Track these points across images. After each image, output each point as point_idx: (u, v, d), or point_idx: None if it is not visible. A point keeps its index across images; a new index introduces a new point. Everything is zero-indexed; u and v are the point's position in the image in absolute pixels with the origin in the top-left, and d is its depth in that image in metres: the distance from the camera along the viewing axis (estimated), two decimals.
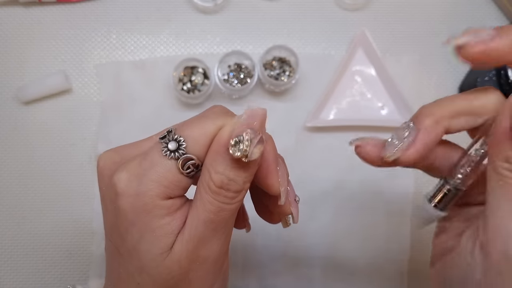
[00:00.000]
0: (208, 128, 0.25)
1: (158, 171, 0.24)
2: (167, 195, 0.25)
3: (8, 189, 0.50)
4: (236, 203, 0.25)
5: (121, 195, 0.25)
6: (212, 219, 0.24)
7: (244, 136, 0.23)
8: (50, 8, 0.52)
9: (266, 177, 0.26)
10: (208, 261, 0.25)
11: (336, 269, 0.49)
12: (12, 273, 0.49)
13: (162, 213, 0.25)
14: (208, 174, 0.24)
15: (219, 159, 0.24)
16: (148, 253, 0.25)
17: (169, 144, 0.24)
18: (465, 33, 0.25)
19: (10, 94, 0.51)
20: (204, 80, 0.49)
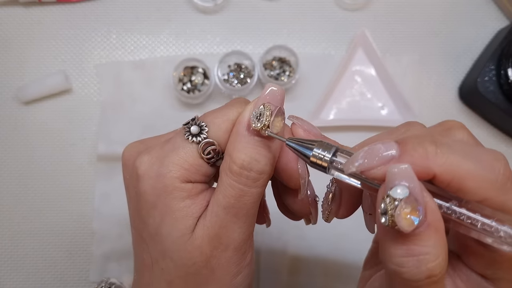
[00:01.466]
0: (230, 115, 0.25)
1: (179, 154, 0.25)
2: (188, 178, 0.25)
3: (8, 189, 0.50)
4: (258, 188, 0.24)
5: (142, 177, 0.25)
6: (233, 204, 0.24)
7: (265, 107, 0.23)
8: (50, 8, 0.52)
9: (286, 167, 0.25)
10: (229, 248, 0.25)
11: (336, 269, 0.49)
12: (12, 273, 0.49)
13: (182, 195, 0.24)
14: (229, 156, 0.24)
15: (240, 139, 0.24)
16: (169, 236, 0.25)
17: (191, 128, 0.25)
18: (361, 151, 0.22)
19: (10, 94, 0.51)
20: (204, 80, 0.49)
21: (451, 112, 0.52)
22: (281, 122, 0.23)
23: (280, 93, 0.24)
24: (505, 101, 0.47)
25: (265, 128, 0.23)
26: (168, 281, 0.25)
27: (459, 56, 0.53)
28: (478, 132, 0.52)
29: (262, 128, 0.23)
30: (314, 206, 0.28)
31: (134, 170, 0.25)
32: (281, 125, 0.23)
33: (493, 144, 0.52)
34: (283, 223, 0.49)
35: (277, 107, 0.23)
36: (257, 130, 0.23)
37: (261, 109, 0.23)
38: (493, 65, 0.47)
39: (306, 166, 0.26)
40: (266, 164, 0.24)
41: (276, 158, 0.25)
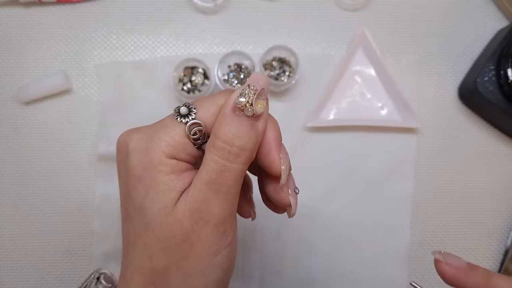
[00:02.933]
0: (218, 100, 0.27)
1: (167, 131, 0.26)
2: (173, 154, 0.26)
3: (8, 189, 0.50)
4: (239, 164, 0.26)
5: (131, 152, 0.27)
6: (214, 179, 0.25)
7: (248, 89, 0.25)
8: (50, 8, 0.52)
9: (268, 153, 0.27)
10: (209, 224, 0.26)
11: (336, 269, 0.49)
12: (12, 273, 0.49)
13: (167, 169, 0.26)
14: (214, 134, 0.26)
15: (225, 118, 0.26)
16: (151, 209, 0.26)
17: (181, 109, 0.26)
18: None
19: (10, 94, 0.51)
20: (204, 80, 0.50)
21: (450, 112, 0.52)
22: (264, 102, 0.26)
23: (265, 78, 0.26)
24: (505, 101, 0.47)
25: (249, 105, 0.25)
26: (150, 255, 0.26)
27: (459, 56, 0.53)
28: (478, 132, 0.52)
29: (245, 106, 0.25)
30: (294, 197, 0.29)
31: (125, 147, 0.27)
32: (264, 106, 0.26)
33: (493, 144, 0.52)
34: (283, 223, 0.49)
35: (261, 88, 0.25)
36: (241, 108, 0.25)
37: (245, 89, 0.25)
38: (492, 65, 0.48)
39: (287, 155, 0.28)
40: (248, 141, 0.25)
41: (259, 138, 0.27)
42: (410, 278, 0.50)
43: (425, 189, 0.51)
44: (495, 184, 0.51)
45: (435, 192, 0.51)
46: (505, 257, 0.50)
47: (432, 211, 0.51)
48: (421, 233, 0.51)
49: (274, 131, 0.28)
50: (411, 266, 0.50)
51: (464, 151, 0.52)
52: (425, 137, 0.52)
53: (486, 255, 0.50)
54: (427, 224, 0.51)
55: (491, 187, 0.51)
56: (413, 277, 0.50)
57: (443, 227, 0.51)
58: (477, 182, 0.51)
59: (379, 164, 0.51)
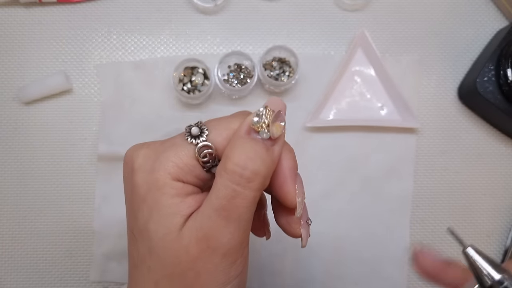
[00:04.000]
0: (232, 123, 0.25)
1: (175, 151, 0.25)
2: (179, 177, 0.25)
3: (8, 189, 0.50)
4: (251, 191, 0.24)
5: (137, 170, 0.25)
6: (224, 206, 0.23)
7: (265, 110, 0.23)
8: (50, 8, 0.52)
9: (284, 184, 0.25)
10: (217, 253, 0.24)
11: (336, 268, 0.49)
12: (12, 273, 0.49)
13: (172, 192, 0.24)
14: (225, 156, 0.24)
15: (238, 140, 0.24)
16: (156, 232, 0.24)
17: (192, 129, 0.25)
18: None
19: (10, 94, 0.51)
20: (204, 80, 0.50)
21: (450, 112, 0.52)
22: (281, 126, 0.24)
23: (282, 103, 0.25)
24: (504, 101, 0.47)
25: (265, 126, 0.23)
26: (155, 281, 0.25)
27: (459, 56, 0.53)
28: (477, 132, 0.52)
29: (261, 127, 0.23)
30: (305, 228, 0.28)
31: (131, 163, 0.26)
32: (281, 130, 0.24)
33: (492, 144, 0.52)
34: None
35: (278, 110, 0.24)
36: (257, 130, 0.23)
37: (262, 110, 0.24)
38: (492, 65, 0.48)
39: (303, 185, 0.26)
40: (262, 165, 0.24)
41: (274, 164, 0.25)
42: (410, 278, 0.50)
43: (424, 189, 0.51)
44: (495, 184, 0.51)
45: (435, 192, 0.51)
46: (505, 256, 0.50)
47: (432, 211, 0.51)
48: (421, 233, 0.51)
49: (290, 160, 0.26)
50: (411, 266, 0.50)
51: (464, 151, 0.52)
52: (425, 137, 0.52)
53: None
54: (427, 224, 0.51)
55: (491, 187, 0.51)
56: (413, 277, 0.50)
57: (443, 227, 0.51)
58: (477, 182, 0.51)
59: (379, 164, 0.51)
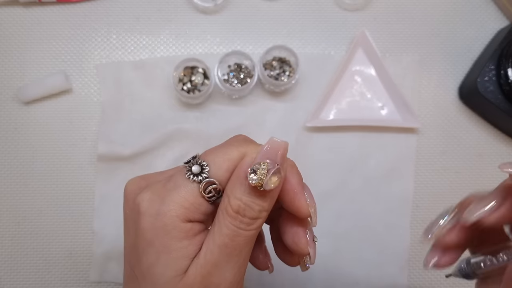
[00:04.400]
0: (231, 155, 0.26)
1: (180, 193, 0.25)
2: (187, 217, 0.25)
3: (8, 189, 0.50)
4: (251, 231, 0.25)
5: (143, 214, 0.25)
6: (227, 244, 0.25)
7: (261, 166, 0.24)
8: (50, 8, 0.52)
9: (294, 199, 0.27)
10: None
11: (336, 268, 0.49)
12: (12, 273, 0.49)
13: (181, 235, 0.25)
14: (227, 198, 0.25)
15: (238, 185, 0.25)
16: (162, 276, 0.25)
17: (192, 168, 0.25)
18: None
19: (10, 94, 0.51)
20: (204, 80, 0.50)
21: (450, 112, 0.52)
22: (278, 180, 0.24)
23: (283, 147, 0.25)
24: (505, 101, 0.47)
25: (260, 186, 0.24)
26: None
27: (459, 56, 0.53)
28: (478, 132, 0.52)
29: (257, 185, 0.24)
30: (312, 247, 0.29)
31: (136, 206, 0.26)
32: (277, 183, 0.24)
33: (493, 144, 0.52)
34: None
35: (275, 166, 0.24)
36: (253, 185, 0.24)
37: (258, 166, 0.24)
38: (493, 65, 0.47)
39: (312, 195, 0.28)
40: (260, 211, 0.25)
41: (272, 203, 0.26)
42: (410, 278, 0.50)
43: (425, 189, 0.51)
44: (495, 184, 0.51)
45: (435, 192, 0.51)
46: None
47: (432, 211, 0.51)
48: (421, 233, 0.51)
49: (295, 175, 0.27)
50: (411, 266, 0.50)
51: (464, 151, 0.52)
52: (425, 137, 0.52)
53: None
54: (427, 224, 0.51)
55: (491, 187, 0.51)
56: (413, 277, 0.50)
57: None
58: (477, 182, 0.51)
59: (379, 164, 0.51)
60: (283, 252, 0.30)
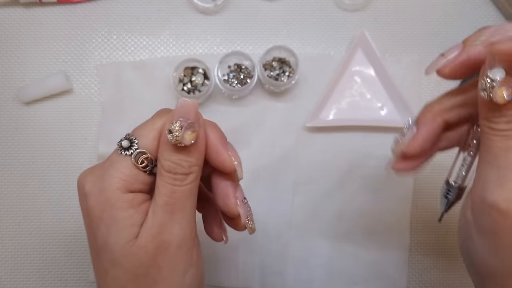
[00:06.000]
0: (155, 124, 0.28)
1: (116, 167, 0.27)
2: (128, 188, 0.27)
3: (8, 189, 0.50)
4: (186, 185, 0.27)
5: (88, 194, 0.27)
6: (167, 201, 0.27)
7: (175, 124, 0.26)
8: (50, 8, 0.52)
9: (217, 154, 0.28)
10: (171, 245, 0.27)
11: (336, 269, 0.49)
12: (12, 273, 0.49)
13: (125, 205, 0.27)
14: (159, 162, 0.27)
15: (164, 147, 0.27)
16: (116, 245, 0.27)
17: (122, 143, 0.28)
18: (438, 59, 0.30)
19: (11, 94, 0.51)
20: (204, 80, 0.50)
21: None
22: (193, 134, 0.26)
23: (192, 105, 0.27)
24: None
25: (178, 140, 0.26)
26: (120, 287, 0.27)
27: None
28: None
29: (175, 141, 0.26)
30: (242, 207, 0.30)
31: (82, 190, 0.28)
32: (192, 137, 0.26)
33: None
34: (283, 223, 0.49)
35: (187, 121, 0.26)
36: (174, 143, 0.26)
37: (173, 125, 0.26)
38: None
39: (236, 151, 0.30)
40: (189, 166, 0.27)
41: (201, 157, 0.28)
42: (410, 278, 0.50)
43: (425, 189, 0.51)
44: None
45: (435, 192, 0.51)
46: None
47: (432, 211, 0.51)
48: (421, 233, 0.51)
49: (215, 132, 0.29)
50: (411, 266, 0.50)
51: None
52: None
53: None
54: (427, 223, 0.51)
55: None
56: (412, 277, 0.50)
57: (443, 227, 0.51)
58: None
59: (379, 164, 0.51)
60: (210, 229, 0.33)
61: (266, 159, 0.50)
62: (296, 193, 0.50)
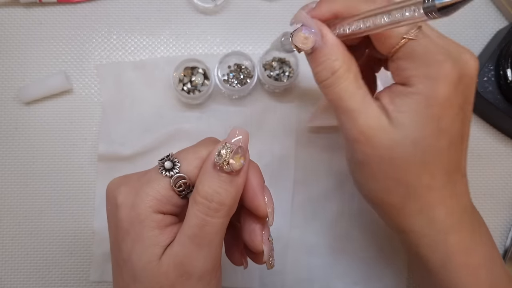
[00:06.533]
0: (200, 152, 0.28)
1: (152, 186, 0.28)
2: (159, 209, 0.28)
3: (8, 189, 0.50)
4: (219, 218, 0.27)
5: (120, 206, 0.28)
6: (196, 234, 0.27)
7: (226, 146, 0.27)
8: (50, 8, 0.52)
9: (254, 198, 0.29)
10: (193, 277, 0.27)
11: (336, 268, 0.49)
12: (12, 273, 0.49)
13: (153, 225, 0.27)
14: (196, 189, 0.27)
15: (205, 175, 0.27)
16: (139, 262, 0.27)
17: (165, 163, 0.28)
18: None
19: (11, 94, 0.51)
20: (204, 80, 0.50)
21: None
22: (240, 159, 0.27)
23: (244, 133, 0.28)
24: (504, 101, 0.47)
25: (225, 163, 0.26)
26: None
27: None
28: (477, 132, 0.52)
29: (223, 164, 0.26)
30: (267, 245, 0.30)
31: (114, 200, 0.28)
32: (240, 163, 0.27)
33: (492, 144, 0.52)
34: (283, 223, 0.49)
35: (237, 146, 0.27)
36: (221, 166, 0.27)
37: (223, 146, 0.27)
38: (492, 65, 0.48)
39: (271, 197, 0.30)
40: (227, 197, 0.27)
41: (239, 192, 0.28)
42: (410, 278, 0.50)
43: None
44: (495, 184, 0.52)
45: None
46: (505, 257, 0.50)
47: None
48: None
49: (256, 177, 0.29)
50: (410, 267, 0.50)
51: None
52: None
53: None
54: None
55: (491, 187, 0.51)
56: (413, 277, 0.50)
57: None
58: (476, 182, 0.51)
59: None
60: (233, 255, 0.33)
61: (266, 159, 0.50)
62: (296, 193, 0.50)
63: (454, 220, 0.31)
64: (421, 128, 0.29)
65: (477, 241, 0.32)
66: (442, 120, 0.29)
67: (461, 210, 0.32)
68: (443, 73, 0.29)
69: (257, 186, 0.29)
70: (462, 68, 0.30)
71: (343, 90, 0.30)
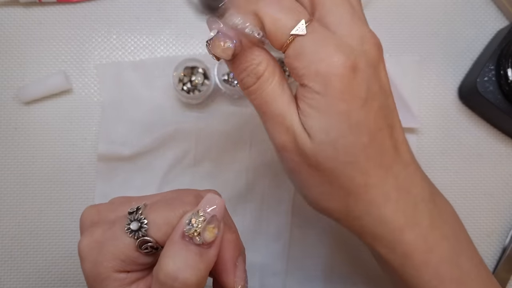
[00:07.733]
0: (171, 218, 0.25)
1: (116, 245, 0.25)
2: (123, 268, 0.26)
3: (8, 189, 0.50)
4: None
5: (83, 259, 0.27)
6: None
7: (198, 213, 0.24)
8: (50, 8, 0.52)
9: (222, 273, 0.26)
10: None
11: (336, 269, 0.49)
12: (12, 273, 0.49)
13: (115, 284, 0.25)
14: (159, 263, 0.24)
15: (172, 246, 0.24)
16: None
17: (131, 224, 0.25)
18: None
19: (10, 94, 0.51)
20: (204, 80, 0.50)
21: (450, 112, 0.52)
22: (214, 230, 0.24)
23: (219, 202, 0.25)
24: (505, 101, 0.47)
25: (196, 234, 0.23)
26: None
27: (459, 56, 0.53)
28: (478, 132, 0.52)
29: (193, 234, 0.23)
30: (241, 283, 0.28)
31: (79, 250, 0.27)
32: (214, 234, 0.24)
33: (492, 144, 0.52)
34: (283, 223, 0.49)
35: (211, 215, 0.24)
36: (190, 236, 0.23)
37: (194, 215, 0.24)
38: (492, 65, 0.48)
39: (245, 273, 0.27)
40: (193, 275, 0.23)
41: (209, 267, 0.25)
42: None
43: None
44: (495, 184, 0.52)
45: None
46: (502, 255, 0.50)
47: None
48: None
49: (230, 249, 0.26)
50: None
51: (464, 151, 0.52)
52: (425, 137, 0.52)
53: (485, 255, 0.50)
54: None
55: (491, 187, 0.51)
56: None
57: None
58: (476, 182, 0.51)
59: None
60: None
61: (266, 159, 0.50)
62: (296, 193, 0.50)
63: (407, 216, 0.29)
64: (333, 129, 0.27)
65: (437, 235, 0.30)
66: (351, 115, 0.27)
67: (412, 205, 0.29)
68: (333, 66, 0.26)
69: (229, 261, 0.26)
70: (357, 56, 0.28)
71: (269, 95, 0.28)
